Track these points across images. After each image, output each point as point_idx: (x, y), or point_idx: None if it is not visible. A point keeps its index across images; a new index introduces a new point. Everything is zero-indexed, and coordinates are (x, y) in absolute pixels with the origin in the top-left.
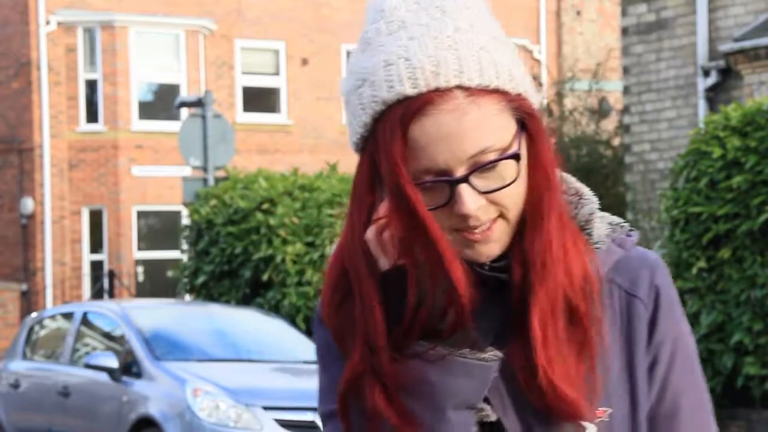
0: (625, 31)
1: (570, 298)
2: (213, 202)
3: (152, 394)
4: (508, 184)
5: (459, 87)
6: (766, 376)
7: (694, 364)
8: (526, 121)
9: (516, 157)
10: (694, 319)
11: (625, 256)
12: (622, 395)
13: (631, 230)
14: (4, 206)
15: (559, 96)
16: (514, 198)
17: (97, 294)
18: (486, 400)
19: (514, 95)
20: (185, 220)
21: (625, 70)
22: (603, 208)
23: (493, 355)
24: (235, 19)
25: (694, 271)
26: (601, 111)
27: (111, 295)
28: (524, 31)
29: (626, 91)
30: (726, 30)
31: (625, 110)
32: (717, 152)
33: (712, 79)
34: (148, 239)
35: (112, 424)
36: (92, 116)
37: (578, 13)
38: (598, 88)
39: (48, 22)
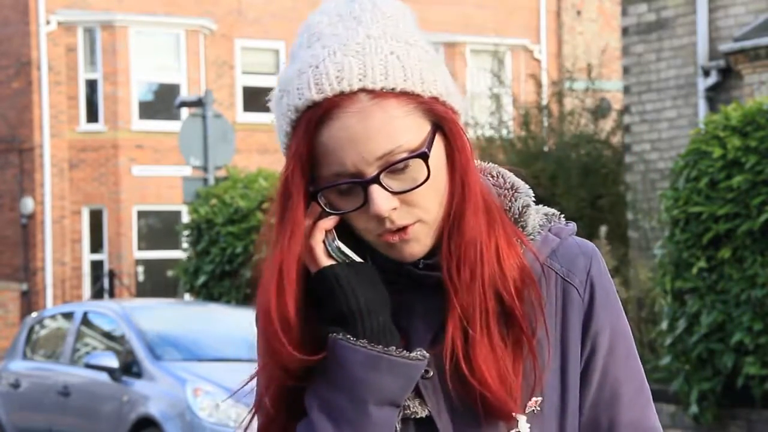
0: (625, 31)
1: (503, 296)
2: (213, 201)
3: (152, 393)
4: (420, 185)
5: (363, 90)
6: (767, 376)
7: (632, 352)
8: (441, 123)
9: (423, 156)
10: (694, 319)
11: (561, 244)
12: (554, 383)
13: (568, 221)
14: (4, 206)
15: (559, 96)
16: (430, 198)
17: (97, 294)
18: (420, 397)
19: (426, 98)
20: (185, 220)
21: (626, 70)
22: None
23: (420, 354)
24: (236, 18)
25: (695, 270)
26: (600, 110)
27: (111, 294)
28: (524, 31)
29: (626, 90)
30: (726, 30)
31: (626, 110)
32: (717, 152)
33: (713, 78)
34: (148, 239)
35: (113, 423)
36: (92, 116)
37: (578, 12)
38: (596, 88)
39: (48, 22)
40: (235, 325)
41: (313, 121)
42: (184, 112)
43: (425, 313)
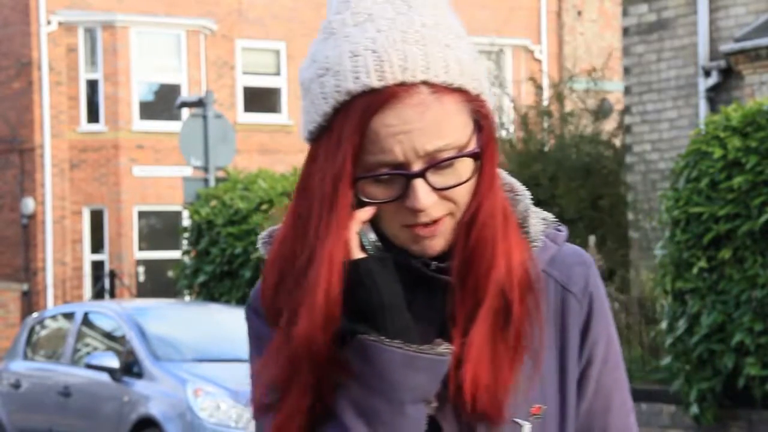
0: (626, 32)
1: (507, 297)
2: (213, 202)
3: (153, 394)
4: (463, 182)
5: (424, 83)
6: (767, 377)
7: (620, 360)
8: (481, 122)
9: (476, 156)
10: (694, 320)
11: (559, 251)
12: (554, 391)
13: (559, 226)
14: (5, 206)
15: (560, 96)
16: (465, 194)
17: (98, 294)
18: None
19: (474, 95)
20: (186, 221)
21: (626, 71)
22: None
23: (446, 348)
24: (236, 19)
25: (695, 271)
26: (601, 111)
27: (112, 295)
28: (525, 31)
29: (627, 91)
30: (727, 30)
31: (626, 110)
32: (718, 152)
33: (713, 79)
34: (148, 239)
35: (113, 424)
36: (93, 116)
37: (579, 13)
38: (597, 89)
39: (49, 22)
40: (235, 325)
41: (371, 108)
42: (185, 112)
43: (428, 310)
